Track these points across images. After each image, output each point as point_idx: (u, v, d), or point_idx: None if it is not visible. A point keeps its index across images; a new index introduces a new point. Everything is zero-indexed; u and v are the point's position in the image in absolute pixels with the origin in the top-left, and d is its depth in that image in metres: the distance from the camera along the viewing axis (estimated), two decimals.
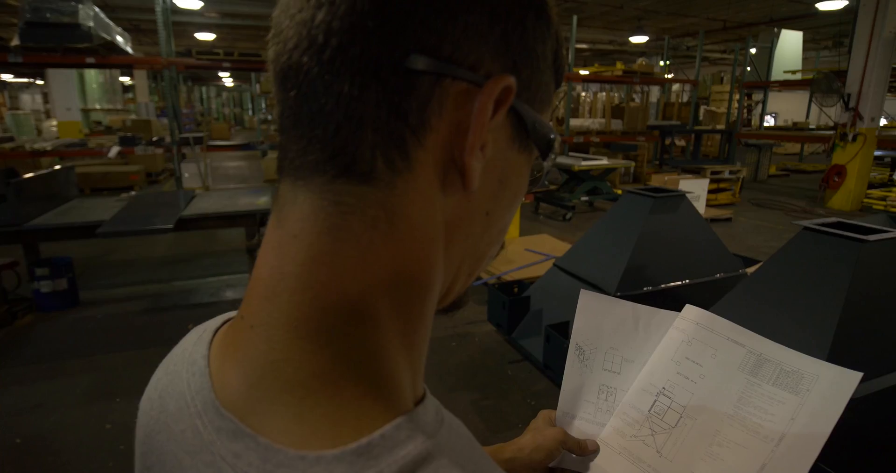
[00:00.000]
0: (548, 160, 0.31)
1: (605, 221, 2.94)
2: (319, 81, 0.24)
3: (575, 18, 7.94)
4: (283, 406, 0.24)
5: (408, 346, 0.27)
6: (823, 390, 0.51)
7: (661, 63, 11.17)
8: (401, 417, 0.24)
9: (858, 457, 1.64)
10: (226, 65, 6.61)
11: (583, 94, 11.17)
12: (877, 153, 7.89)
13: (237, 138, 15.05)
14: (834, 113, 7.42)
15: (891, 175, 9.07)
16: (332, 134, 0.25)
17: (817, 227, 1.92)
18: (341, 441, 0.23)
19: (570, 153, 7.72)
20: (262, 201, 3.82)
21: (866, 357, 1.74)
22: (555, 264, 3.01)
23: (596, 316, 0.63)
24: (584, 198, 6.71)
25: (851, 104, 6.88)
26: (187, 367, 0.30)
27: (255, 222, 3.58)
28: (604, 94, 11.28)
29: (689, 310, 0.61)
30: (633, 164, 8.27)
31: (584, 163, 6.50)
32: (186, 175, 6.79)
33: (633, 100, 11.04)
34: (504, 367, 2.75)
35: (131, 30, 10.91)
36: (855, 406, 1.62)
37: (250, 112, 23.88)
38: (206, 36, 11.93)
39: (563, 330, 2.53)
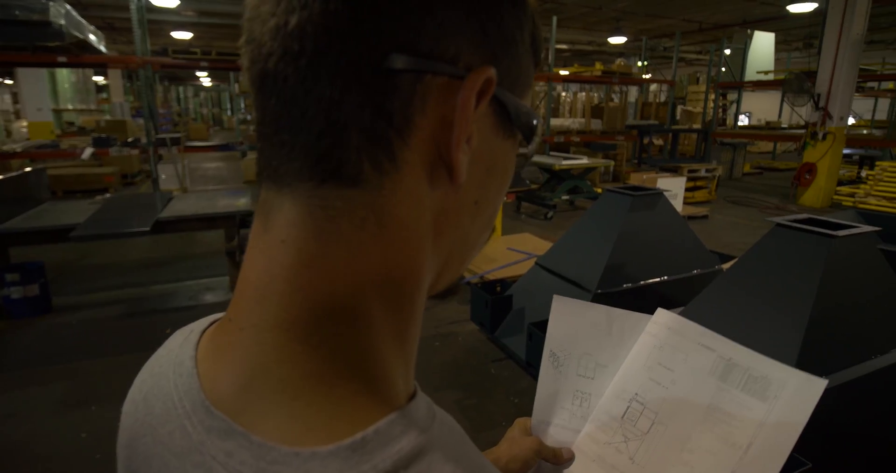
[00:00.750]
0: (532, 144, 0.31)
1: (585, 219, 2.98)
2: (299, 88, 0.24)
3: (555, 19, 8.01)
4: (275, 406, 0.24)
5: (400, 343, 0.27)
6: (790, 397, 0.52)
7: (639, 64, 11.35)
8: (394, 413, 0.25)
9: (830, 446, 1.69)
10: (203, 64, 6.51)
11: (563, 94, 11.29)
12: (845, 151, 8.14)
13: (216, 139, 14.80)
14: (805, 112, 7.63)
15: (859, 172, 9.36)
16: (316, 140, 0.24)
17: (789, 223, 1.97)
18: (336, 437, 0.23)
19: (552, 153, 7.78)
20: (242, 202, 3.77)
21: (838, 349, 1.79)
22: (536, 263, 3.03)
23: (570, 321, 0.63)
24: (566, 197, 6.77)
25: (821, 104, 7.08)
26: (174, 368, 0.30)
27: (234, 223, 3.53)
28: (584, 94, 11.41)
29: (661, 314, 0.61)
30: (612, 163, 8.38)
31: (564, 162, 6.56)
32: (163, 177, 6.66)
33: (612, 100, 11.18)
34: (487, 366, 2.77)
35: (105, 28, 10.65)
36: (826, 397, 1.68)
37: (229, 112, 23.49)
38: (183, 35, 11.72)
39: (545, 328, 2.56)
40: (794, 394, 0.52)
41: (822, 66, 7.07)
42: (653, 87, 13.69)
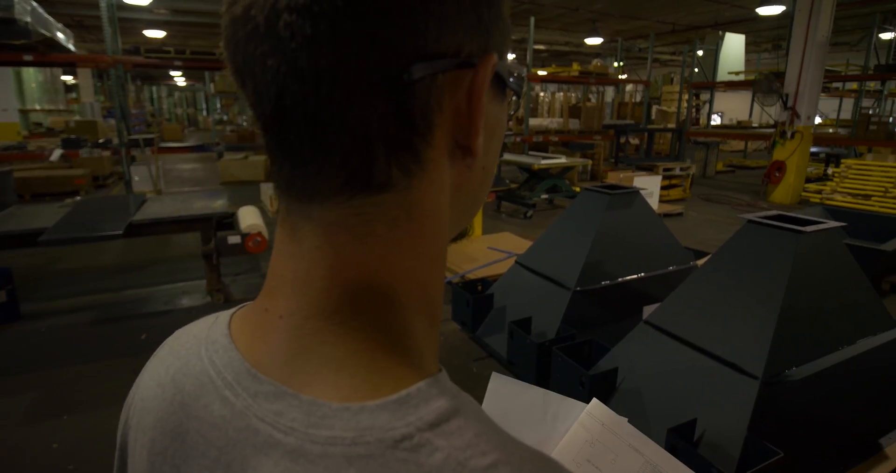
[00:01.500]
0: (521, 96, 0.33)
1: (564, 218, 3.01)
2: (321, 115, 0.24)
3: (532, 20, 8.07)
4: (320, 376, 0.26)
5: (429, 321, 0.29)
6: None
7: (615, 64, 11.52)
8: (430, 377, 0.26)
9: (800, 434, 1.74)
10: (177, 63, 6.38)
11: (541, 94, 11.39)
12: (813, 149, 8.41)
13: (191, 140, 14.51)
14: (774, 112, 7.84)
15: (825, 170, 9.67)
16: (344, 160, 0.25)
17: (760, 220, 2.03)
18: (382, 394, 0.25)
19: (531, 152, 7.85)
20: (219, 204, 3.71)
21: (807, 340, 1.85)
22: (517, 262, 3.05)
23: (505, 402, 0.63)
24: (545, 196, 6.84)
25: (789, 104, 7.29)
26: (206, 346, 0.31)
27: (211, 226, 3.47)
28: (561, 94, 11.53)
29: (596, 407, 0.62)
30: (590, 162, 8.49)
31: (543, 162, 6.62)
32: (136, 178, 6.50)
33: (589, 100, 11.32)
34: (469, 365, 2.78)
35: (73, 26, 10.34)
36: (796, 388, 1.73)
37: (205, 112, 23.06)
38: (156, 33, 11.45)
39: (526, 326, 2.58)
40: None
41: (790, 66, 7.28)
42: (629, 87, 13.92)
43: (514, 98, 0.33)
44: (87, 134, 7.88)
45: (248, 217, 3.66)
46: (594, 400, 0.63)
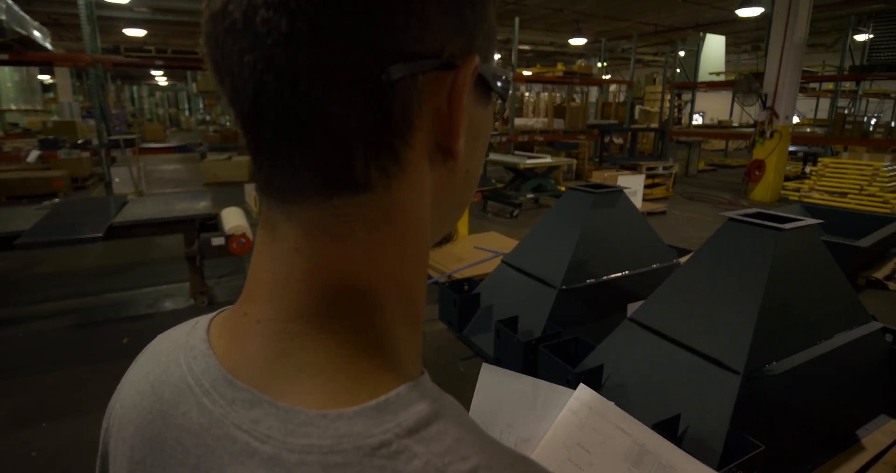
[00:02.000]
0: (506, 100, 0.33)
1: (549, 217, 3.03)
2: (300, 113, 0.24)
3: (517, 20, 8.11)
4: (298, 381, 0.25)
5: (411, 326, 0.29)
6: None
7: (599, 64, 11.62)
8: (410, 381, 0.26)
9: (780, 427, 1.78)
10: (158, 63, 6.29)
11: (526, 94, 11.44)
12: (791, 148, 8.58)
13: (173, 140, 14.29)
14: (754, 112, 7.99)
15: (803, 168, 9.88)
16: (323, 160, 0.25)
17: (740, 217, 2.07)
18: (359, 401, 0.24)
19: (516, 152, 7.88)
20: (202, 205, 3.66)
21: (786, 335, 1.89)
22: (503, 261, 3.07)
23: (496, 391, 0.65)
24: (530, 195, 6.88)
25: (768, 103, 7.43)
26: (185, 353, 0.30)
27: (193, 227, 3.42)
28: (546, 94, 11.59)
29: (584, 391, 0.63)
30: (575, 161, 8.55)
31: (529, 161, 6.66)
32: (117, 180, 6.39)
33: (573, 100, 11.41)
34: (456, 364, 2.78)
35: (50, 24, 10.12)
36: (777, 382, 1.77)
37: (187, 112, 22.73)
38: (136, 32, 11.26)
39: (513, 325, 2.59)
40: None
41: (769, 67, 7.42)
42: (612, 87, 14.05)
43: (499, 101, 0.33)
44: (66, 135, 7.72)
45: (232, 218, 3.62)
46: (581, 386, 0.64)
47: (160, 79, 22.08)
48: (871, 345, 2.10)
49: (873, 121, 8.31)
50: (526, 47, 14.99)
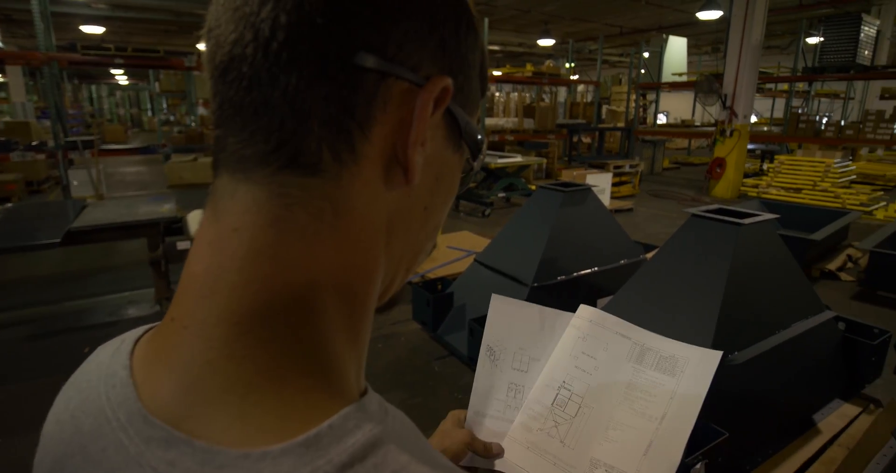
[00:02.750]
0: (477, 160, 0.33)
1: (520, 215, 3.07)
2: (265, 73, 0.24)
3: (487, 20, 8.18)
4: (223, 407, 0.23)
5: (352, 338, 0.27)
6: (694, 369, 0.60)
7: (567, 65, 11.81)
8: (348, 407, 0.24)
9: (743, 415, 1.85)
10: (118, 61, 6.07)
11: (497, 94, 11.53)
12: (750, 146, 8.92)
13: (135, 141, 13.81)
14: (714, 111, 8.26)
15: (761, 166, 10.28)
16: (278, 126, 0.24)
17: (703, 214, 2.14)
18: (288, 435, 0.22)
19: (487, 151, 7.90)
20: (166, 208, 3.56)
21: (747, 326, 1.97)
22: (475, 260, 3.09)
23: (506, 319, 0.68)
24: (502, 194, 6.94)
25: (728, 103, 7.70)
26: (105, 380, 0.28)
27: (158, 231, 3.32)
28: (516, 94, 11.71)
29: (584, 309, 0.68)
30: (545, 160, 8.68)
31: (500, 161, 6.72)
32: (75, 183, 6.14)
33: (543, 100, 11.56)
34: (431, 364, 2.79)
35: (1, 20, 9.65)
36: (739, 371, 1.84)
37: (150, 113, 22.00)
38: (94, 29, 10.82)
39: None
40: (697, 366, 0.60)
41: (728, 68, 7.69)
42: (580, 87, 14.30)
43: (469, 159, 0.33)
44: (19, 136, 7.38)
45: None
46: (582, 305, 0.68)
47: (121, 78, 21.31)
48: (825, 333, 2.20)
49: (825, 120, 8.72)
50: (496, 48, 15.12)
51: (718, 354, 0.60)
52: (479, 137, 0.32)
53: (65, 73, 9.62)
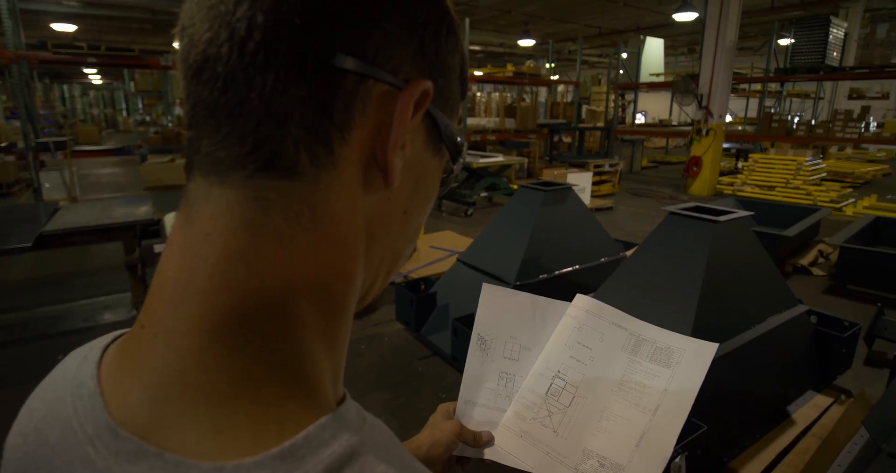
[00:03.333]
0: (457, 163, 0.33)
1: (502, 215, 3.09)
2: (241, 74, 0.23)
3: (468, 20, 8.20)
4: (195, 417, 0.23)
5: (330, 345, 0.27)
6: (689, 361, 0.60)
7: (547, 65, 11.91)
8: (325, 417, 0.24)
9: (721, 409, 1.90)
10: (91, 60, 5.92)
11: (478, 94, 11.57)
12: (725, 145, 9.11)
13: (110, 142, 13.51)
14: (691, 111, 8.42)
15: (736, 164, 10.52)
16: (254, 128, 0.24)
17: (680, 211, 2.18)
18: (263, 447, 0.22)
19: (469, 151, 7.96)
20: (143, 210, 3.49)
21: (724, 320, 2.01)
22: (458, 260, 3.10)
23: (497, 307, 0.67)
24: (484, 194, 6.97)
25: (704, 103, 7.86)
26: (72, 390, 0.27)
27: (134, 234, 3.26)
28: (497, 94, 11.77)
29: (580, 299, 0.68)
30: (526, 160, 8.74)
31: (482, 160, 6.75)
32: (47, 185, 5.97)
33: (523, 100, 11.64)
34: (414, 364, 2.79)
35: None
36: (715, 365, 1.88)
37: (125, 113, 21.51)
38: (66, 27, 10.53)
39: (469, 323, 2.62)
40: (693, 358, 0.60)
41: (703, 69, 7.84)
42: (560, 87, 14.44)
43: (449, 162, 0.33)
44: None
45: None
46: (578, 295, 0.68)
47: (94, 77, 20.78)
48: (798, 327, 2.27)
49: (796, 119, 8.94)
50: (477, 48, 15.16)
51: (714, 346, 0.60)
52: (459, 139, 0.32)
53: (35, 72, 9.33)
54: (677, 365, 0.60)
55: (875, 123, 8.53)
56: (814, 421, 2.11)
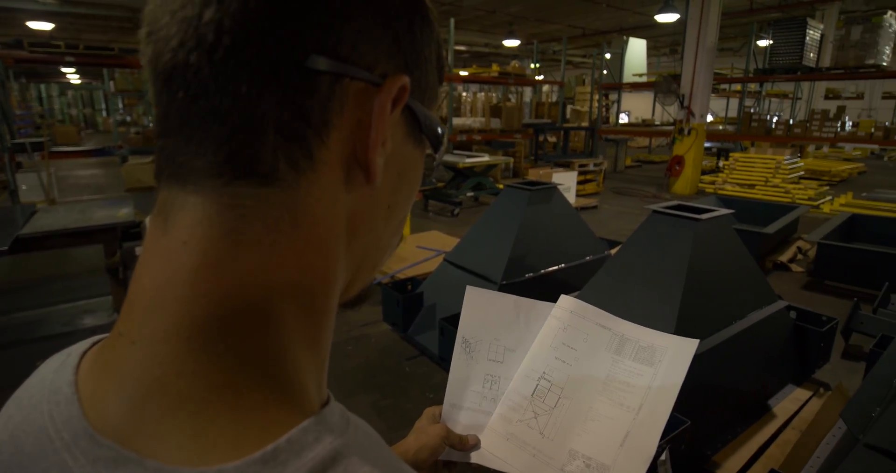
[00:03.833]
0: (439, 153, 0.32)
1: (488, 214, 3.10)
2: (212, 82, 0.23)
3: (452, 21, 8.22)
4: (175, 424, 0.22)
5: (312, 348, 0.26)
6: (671, 358, 0.61)
7: (532, 65, 11.97)
8: (307, 420, 0.23)
9: (704, 403, 1.93)
10: (69, 59, 5.80)
11: (464, 94, 11.59)
12: (706, 144, 9.26)
13: (89, 143, 13.25)
14: (673, 111, 8.54)
15: (717, 163, 10.69)
16: (229, 135, 0.23)
17: (663, 210, 2.21)
18: (244, 452, 0.22)
19: (455, 151, 7.98)
20: (124, 212, 3.43)
21: (706, 316, 2.05)
22: (445, 259, 3.10)
23: (481, 310, 0.67)
24: (470, 193, 6.99)
25: (685, 103, 7.98)
26: (48, 397, 0.26)
27: (115, 237, 3.20)
28: (483, 94, 11.81)
29: (564, 300, 0.68)
30: (512, 160, 8.77)
31: (468, 160, 6.76)
32: (24, 187, 5.83)
33: (509, 100, 11.69)
34: (402, 365, 2.78)
35: None
36: (698, 360, 1.91)
37: (104, 113, 21.09)
38: (43, 25, 10.29)
39: (456, 322, 2.63)
40: (675, 356, 0.61)
41: (685, 69, 7.96)
42: (545, 87, 14.52)
43: (431, 152, 0.33)
44: None
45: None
46: (562, 296, 0.68)
47: (72, 77, 20.36)
48: (778, 322, 2.31)
49: (775, 119, 9.12)
50: (462, 48, 15.18)
51: (695, 342, 0.61)
52: (440, 129, 0.31)
53: (11, 71, 9.11)
54: (660, 363, 0.61)
55: (850, 123, 8.73)
56: (794, 414, 2.16)
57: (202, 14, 0.23)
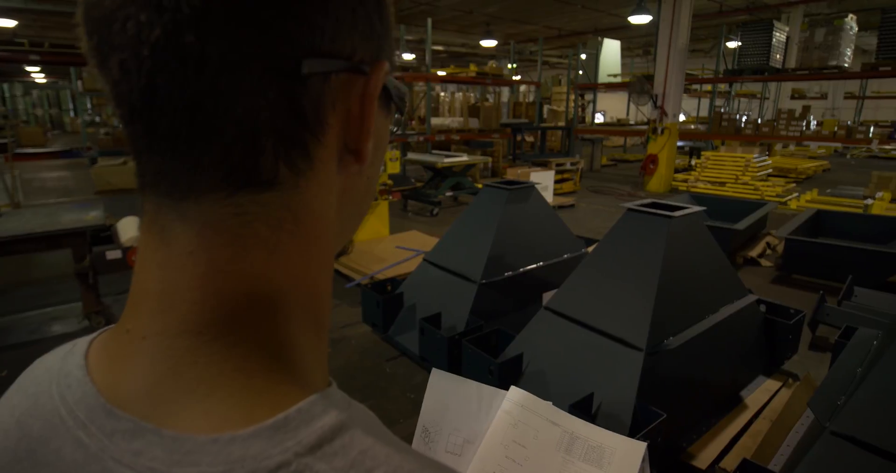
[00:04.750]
0: (403, 113, 0.34)
1: (467, 214, 3.11)
2: (205, 100, 0.22)
3: (430, 21, 8.20)
4: (189, 403, 0.23)
5: (316, 333, 0.28)
6: (620, 460, 0.62)
7: (509, 66, 12.05)
8: (315, 395, 0.25)
9: (679, 396, 1.97)
10: (33, 58, 5.61)
11: (442, 94, 11.60)
12: (679, 143, 9.46)
13: (56, 144, 12.81)
14: (647, 111, 8.70)
15: (689, 161, 10.94)
16: (227, 151, 0.23)
17: (637, 208, 2.25)
18: (257, 421, 0.23)
19: (434, 151, 7.98)
20: (92, 216, 3.33)
21: (680, 311, 2.09)
22: (424, 259, 3.10)
23: (443, 396, 0.68)
24: (449, 193, 7.00)
25: (658, 103, 8.14)
26: (58, 380, 0.27)
27: (84, 241, 3.11)
28: (461, 94, 11.83)
29: (515, 392, 0.68)
30: (490, 159, 8.82)
31: (446, 160, 6.77)
32: None
33: (487, 100, 11.74)
34: (382, 365, 2.78)
35: None
36: (673, 355, 1.96)
37: (72, 113, 20.44)
38: (5, 22, 9.90)
39: (436, 322, 2.64)
40: (623, 457, 0.62)
41: (658, 70, 8.12)
42: (522, 87, 14.64)
43: (397, 114, 0.34)
44: None
45: (130, 229, 3.33)
46: (512, 387, 0.69)
47: (37, 76, 19.64)
48: (749, 315, 2.38)
49: (744, 118, 9.37)
50: (439, 48, 15.18)
51: (643, 445, 0.62)
52: (403, 90, 0.32)
53: None
54: (609, 465, 0.62)
55: (815, 122, 9.04)
56: (764, 405, 2.23)
57: (181, 33, 0.21)
